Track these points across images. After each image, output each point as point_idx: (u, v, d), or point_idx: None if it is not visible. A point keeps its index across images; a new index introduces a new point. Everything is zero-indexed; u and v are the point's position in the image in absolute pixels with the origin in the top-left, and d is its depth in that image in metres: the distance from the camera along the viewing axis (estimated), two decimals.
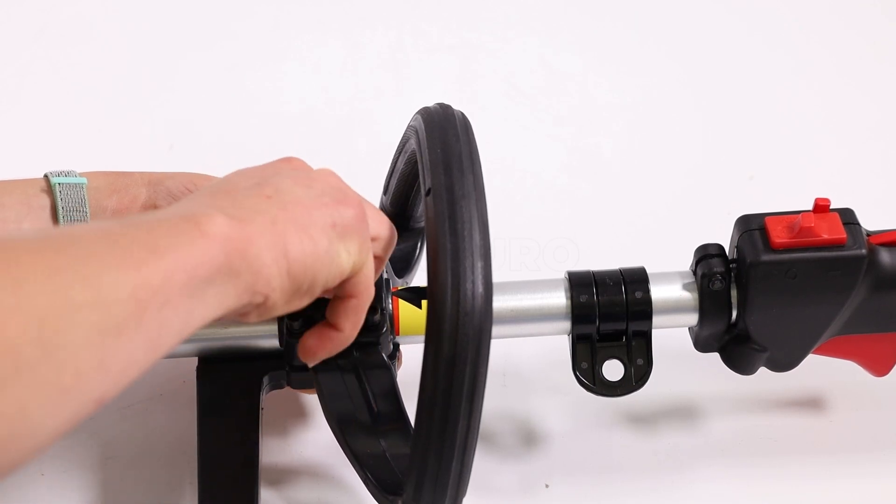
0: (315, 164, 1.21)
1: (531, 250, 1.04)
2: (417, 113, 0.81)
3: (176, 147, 1.16)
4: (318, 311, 0.78)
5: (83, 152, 1.13)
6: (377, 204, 0.94)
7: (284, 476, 0.91)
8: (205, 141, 1.17)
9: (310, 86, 1.22)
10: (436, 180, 0.75)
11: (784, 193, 1.11)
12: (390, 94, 1.21)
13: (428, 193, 0.75)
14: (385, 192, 0.93)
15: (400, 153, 0.88)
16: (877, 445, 0.93)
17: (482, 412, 0.74)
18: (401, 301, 0.85)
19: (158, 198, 0.86)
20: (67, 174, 0.84)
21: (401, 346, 0.87)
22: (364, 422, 0.82)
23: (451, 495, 0.75)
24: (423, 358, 0.73)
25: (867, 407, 0.95)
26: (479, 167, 0.76)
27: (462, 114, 0.80)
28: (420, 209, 0.92)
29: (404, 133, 0.85)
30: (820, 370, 0.94)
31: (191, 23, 1.27)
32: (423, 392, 0.73)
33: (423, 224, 0.93)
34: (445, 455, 0.73)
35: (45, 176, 0.84)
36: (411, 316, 0.85)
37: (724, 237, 0.87)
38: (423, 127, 0.79)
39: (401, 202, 0.92)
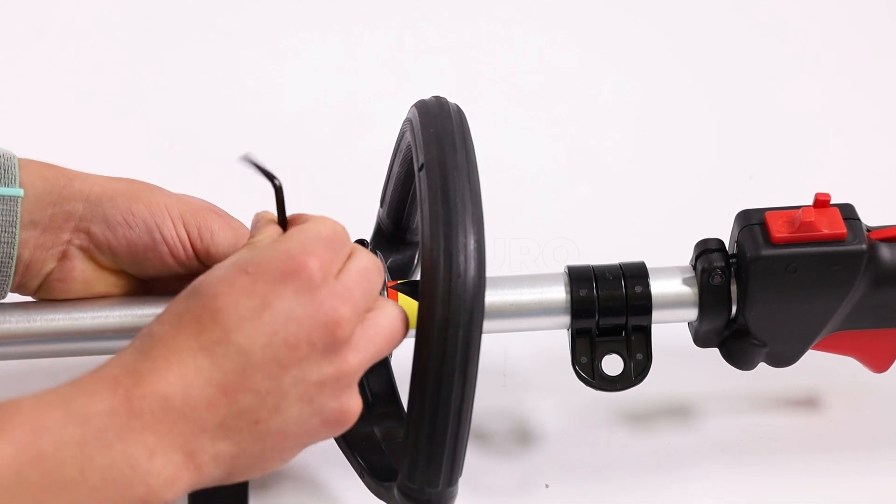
0: (315, 165, 1.20)
1: (531, 250, 1.04)
2: (413, 106, 0.81)
3: (176, 147, 1.16)
4: None
5: (83, 152, 1.13)
6: (374, 218, 0.94)
7: (274, 480, 0.91)
8: (205, 141, 1.17)
9: (309, 86, 1.22)
10: (428, 155, 0.75)
11: (784, 194, 1.10)
12: (390, 94, 1.21)
13: (421, 169, 0.75)
14: (381, 202, 0.93)
15: (395, 154, 0.88)
16: (876, 444, 0.93)
17: (476, 384, 0.73)
18: (400, 295, 0.85)
19: (93, 221, 0.79)
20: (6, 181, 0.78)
21: None
22: None
23: (445, 471, 0.74)
24: (417, 325, 0.72)
25: (866, 406, 0.95)
26: (471, 145, 0.76)
27: (456, 105, 0.80)
28: (416, 219, 0.91)
29: (400, 129, 0.85)
30: (819, 370, 0.94)
31: (191, 23, 1.27)
32: (417, 358, 0.72)
33: (419, 238, 0.93)
34: (439, 425, 0.72)
35: None
36: (410, 310, 0.85)
37: (723, 238, 0.86)
38: (416, 115, 0.79)
39: (398, 213, 0.91)
